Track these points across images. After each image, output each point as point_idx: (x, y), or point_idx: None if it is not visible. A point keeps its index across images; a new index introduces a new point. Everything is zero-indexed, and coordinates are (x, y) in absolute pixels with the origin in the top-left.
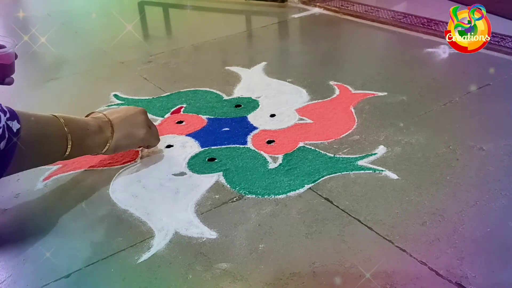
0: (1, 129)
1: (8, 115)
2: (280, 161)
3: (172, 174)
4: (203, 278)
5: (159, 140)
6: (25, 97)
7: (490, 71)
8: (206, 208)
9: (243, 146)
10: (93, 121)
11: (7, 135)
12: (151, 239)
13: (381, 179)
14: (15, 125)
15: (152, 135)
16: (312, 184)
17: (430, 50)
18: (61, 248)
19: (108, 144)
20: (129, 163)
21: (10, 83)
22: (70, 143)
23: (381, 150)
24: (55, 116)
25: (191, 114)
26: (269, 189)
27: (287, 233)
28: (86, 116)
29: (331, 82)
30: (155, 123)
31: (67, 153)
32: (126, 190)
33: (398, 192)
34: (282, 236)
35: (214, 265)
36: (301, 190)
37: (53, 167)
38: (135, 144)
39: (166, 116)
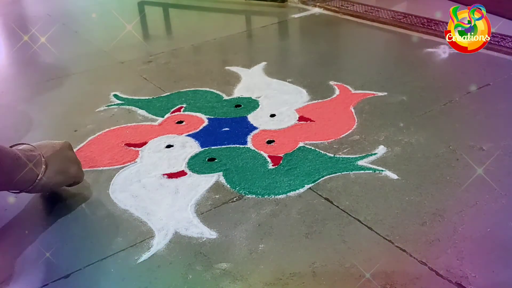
0: None
1: None
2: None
3: (172, 174)
4: (203, 278)
5: (83, 175)
6: (25, 97)
7: (490, 71)
8: (206, 208)
9: (243, 146)
10: (22, 153)
11: None
12: (151, 239)
13: (381, 179)
14: None
15: (81, 171)
16: (312, 184)
17: (430, 50)
18: (61, 248)
19: (37, 181)
20: (129, 163)
21: None
22: None
23: (381, 150)
24: None
25: (191, 114)
26: (269, 189)
27: (287, 233)
28: (10, 147)
29: (331, 82)
30: (155, 123)
31: None
32: (126, 190)
33: (398, 192)
34: (282, 236)
35: (214, 265)
36: (301, 190)
37: None
38: (67, 181)
39: (166, 116)
